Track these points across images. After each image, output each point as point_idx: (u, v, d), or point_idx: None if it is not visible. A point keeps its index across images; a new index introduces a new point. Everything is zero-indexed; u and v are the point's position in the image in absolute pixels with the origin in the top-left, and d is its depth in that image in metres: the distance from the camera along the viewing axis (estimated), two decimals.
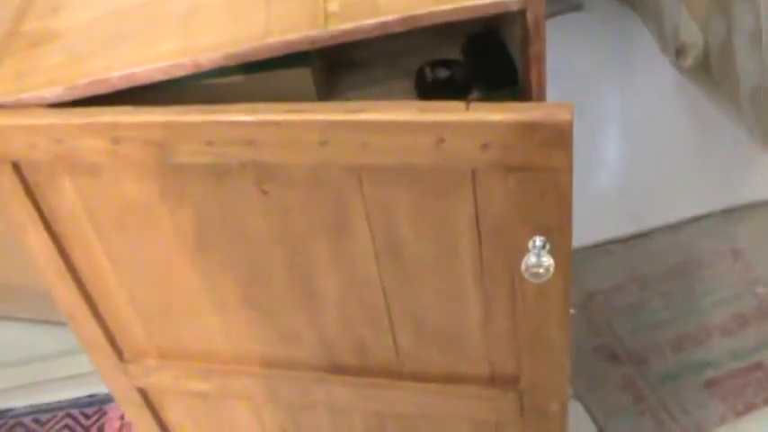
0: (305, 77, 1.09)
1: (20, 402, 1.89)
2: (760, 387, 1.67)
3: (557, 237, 0.85)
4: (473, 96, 1.15)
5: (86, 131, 0.91)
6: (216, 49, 0.94)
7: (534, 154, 0.80)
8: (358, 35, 0.95)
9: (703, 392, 1.68)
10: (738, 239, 1.95)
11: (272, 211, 0.95)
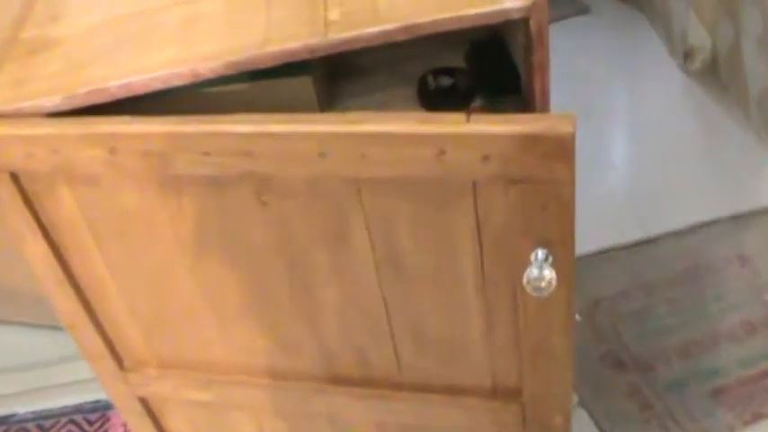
0: (306, 86, 1.08)
1: (23, 408, 1.88)
2: (767, 396, 1.65)
3: (559, 249, 0.84)
4: (476, 104, 1.14)
5: (84, 142, 0.90)
6: (215, 58, 0.94)
7: (536, 166, 0.79)
8: (358, 44, 0.94)
9: (710, 400, 1.66)
10: (746, 245, 1.93)
11: (271, 222, 0.94)
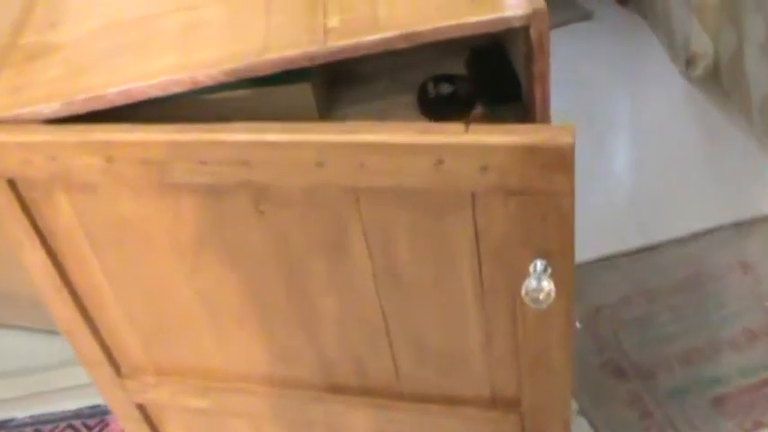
0: (305, 93, 1.07)
1: (21, 413, 1.88)
2: None
3: (558, 261, 0.83)
4: (476, 112, 1.13)
5: (80, 149, 0.90)
6: (214, 65, 0.93)
7: (535, 177, 0.79)
8: (358, 52, 0.93)
9: (711, 409, 1.65)
10: (748, 253, 1.92)
11: (268, 231, 0.94)
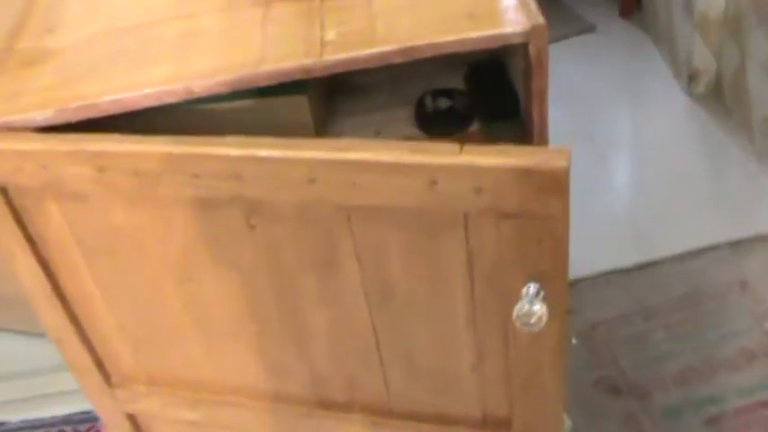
0: (301, 105, 1.07)
1: (13, 417, 1.87)
2: (764, 426, 1.63)
3: (551, 284, 0.82)
4: (474, 128, 1.13)
5: (71, 159, 0.89)
6: (209, 76, 0.93)
7: (529, 200, 0.78)
8: (354, 65, 0.93)
9: (706, 429, 1.64)
10: (747, 272, 1.91)
11: (260, 246, 0.93)
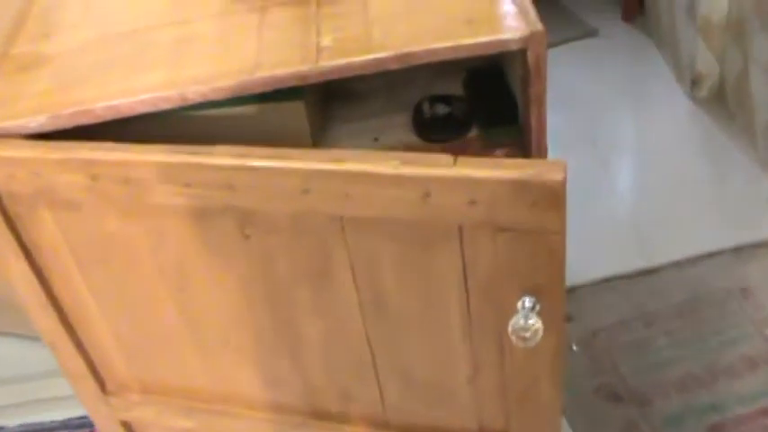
0: (298, 111, 1.06)
1: (11, 421, 1.86)
2: None
3: (547, 298, 0.80)
4: (472, 134, 1.12)
5: (63, 167, 0.88)
6: (204, 83, 0.92)
7: (524, 213, 0.76)
8: (350, 72, 0.92)
9: None
10: (749, 278, 1.90)
11: (254, 256, 0.92)
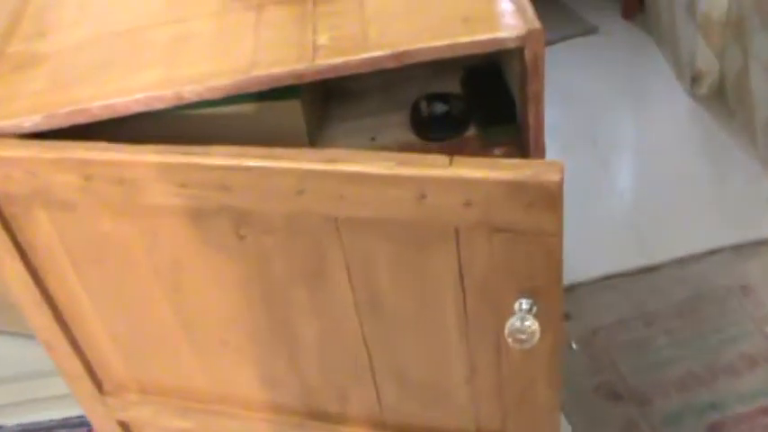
0: (294, 110, 1.05)
1: (9, 420, 1.85)
2: None
3: (544, 300, 0.80)
4: (470, 133, 1.11)
5: (57, 167, 0.87)
6: (199, 81, 0.91)
7: (521, 215, 0.75)
8: (346, 71, 0.91)
9: None
10: (749, 276, 1.89)
11: (249, 256, 0.91)
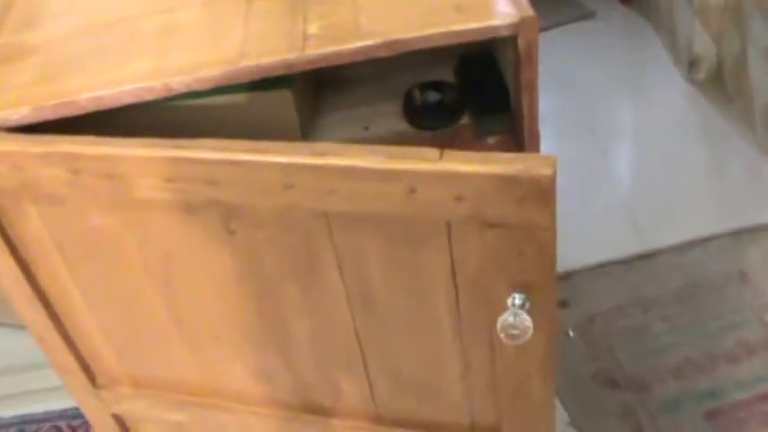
0: (286, 100, 1.04)
1: (6, 412, 1.85)
2: (764, 420, 1.61)
3: (537, 295, 0.78)
4: (464, 121, 1.10)
5: (45, 161, 0.86)
6: (188, 72, 0.90)
7: (513, 209, 0.73)
8: (338, 60, 0.90)
9: (704, 423, 1.61)
10: (747, 263, 1.88)
11: (240, 251, 0.90)
